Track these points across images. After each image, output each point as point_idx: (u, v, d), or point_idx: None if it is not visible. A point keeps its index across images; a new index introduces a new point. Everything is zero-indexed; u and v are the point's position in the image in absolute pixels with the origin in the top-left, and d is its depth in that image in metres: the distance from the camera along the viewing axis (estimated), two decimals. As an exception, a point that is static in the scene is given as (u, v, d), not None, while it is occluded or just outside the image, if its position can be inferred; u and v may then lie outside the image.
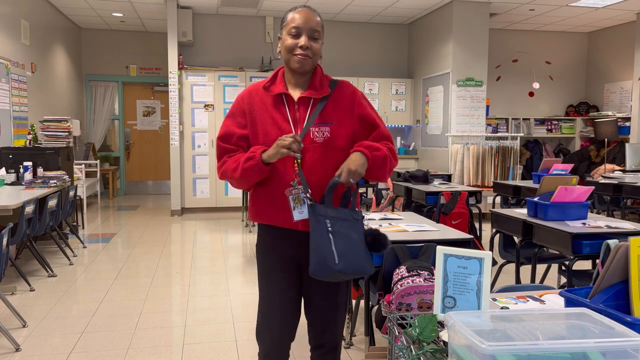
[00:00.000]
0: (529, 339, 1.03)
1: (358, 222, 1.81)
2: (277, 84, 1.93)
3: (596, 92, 9.75)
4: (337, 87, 1.95)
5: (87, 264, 5.19)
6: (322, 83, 1.92)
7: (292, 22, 1.86)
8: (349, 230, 1.76)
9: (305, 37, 1.85)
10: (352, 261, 1.72)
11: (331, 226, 1.74)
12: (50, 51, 8.08)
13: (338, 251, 1.70)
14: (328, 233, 1.72)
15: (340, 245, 1.72)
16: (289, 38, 1.87)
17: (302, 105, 1.90)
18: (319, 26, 1.88)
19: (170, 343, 3.28)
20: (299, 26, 1.84)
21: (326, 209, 1.77)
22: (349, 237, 1.75)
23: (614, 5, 7.82)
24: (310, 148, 1.85)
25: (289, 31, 1.86)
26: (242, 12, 8.57)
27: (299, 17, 1.85)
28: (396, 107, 8.99)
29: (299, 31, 1.85)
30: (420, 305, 2.06)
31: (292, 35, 1.86)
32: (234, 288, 4.43)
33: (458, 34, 7.73)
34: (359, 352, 3.16)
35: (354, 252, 1.73)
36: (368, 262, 1.77)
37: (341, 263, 1.69)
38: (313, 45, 1.86)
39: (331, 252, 1.70)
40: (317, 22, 1.87)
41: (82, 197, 7.54)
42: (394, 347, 1.36)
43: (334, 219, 1.75)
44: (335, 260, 1.69)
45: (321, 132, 1.87)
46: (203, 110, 8.22)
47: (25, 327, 3.52)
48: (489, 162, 7.46)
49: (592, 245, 2.91)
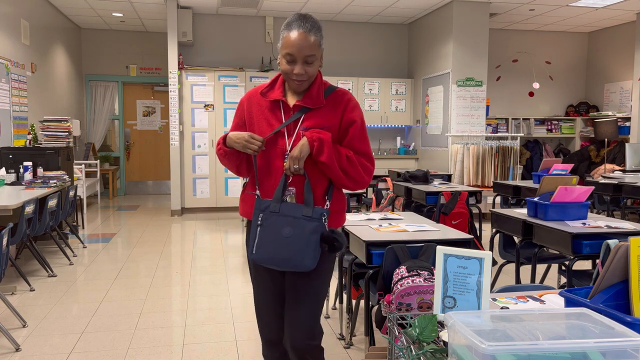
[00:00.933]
0: (529, 339, 1.03)
1: (307, 219, 1.85)
2: (275, 89, 1.99)
3: (596, 92, 9.75)
4: (331, 95, 1.98)
5: (87, 264, 5.19)
6: (319, 92, 1.95)
7: (286, 47, 1.86)
8: (284, 227, 1.85)
9: (300, 64, 1.87)
10: (271, 254, 1.86)
11: (261, 220, 1.89)
12: (50, 51, 8.08)
13: (258, 242, 1.88)
14: (257, 226, 1.89)
15: (264, 238, 1.87)
16: (284, 62, 1.89)
17: (296, 111, 1.95)
18: (314, 49, 1.86)
19: (170, 343, 3.28)
20: (293, 54, 1.85)
21: (266, 203, 1.89)
22: (279, 232, 1.86)
23: (614, 5, 7.82)
24: None
25: (284, 56, 1.88)
26: (242, 12, 8.57)
27: (293, 44, 1.84)
28: (396, 107, 8.99)
29: (293, 58, 1.86)
30: (420, 305, 2.06)
31: (287, 60, 1.88)
32: (234, 288, 4.43)
33: (458, 34, 7.73)
34: (359, 352, 3.16)
35: (280, 246, 1.85)
36: (301, 257, 1.84)
37: (258, 253, 1.88)
38: (308, 70, 1.88)
39: (252, 243, 1.90)
40: (312, 45, 1.85)
41: (82, 197, 7.54)
42: (394, 347, 1.36)
43: (269, 214, 1.88)
44: (253, 250, 1.89)
45: None
46: (203, 110, 8.22)
47: (25, 327, 3.52)
48: (489, 162, 7.46)
49: (592, 245, 2.91)
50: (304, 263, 1.84)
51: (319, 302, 2.01)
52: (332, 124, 1.95)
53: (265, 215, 1.87)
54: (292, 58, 1.86)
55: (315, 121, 1.93)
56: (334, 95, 1.98)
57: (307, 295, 1.97)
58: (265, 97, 1.98)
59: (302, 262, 1.84)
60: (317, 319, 2.00)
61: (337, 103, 1.97)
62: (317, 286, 1.99)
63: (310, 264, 1.85)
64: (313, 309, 1.99)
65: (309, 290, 1.97)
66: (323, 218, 1.87)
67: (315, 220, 1.85)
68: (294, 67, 1.87)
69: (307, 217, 1.85)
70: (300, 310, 1.97)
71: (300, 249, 1.83)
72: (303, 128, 1.93)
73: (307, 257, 1.84)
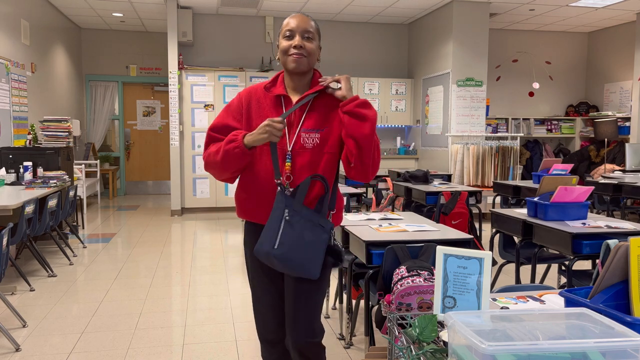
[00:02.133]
0: (529, 339, 1.03)
1: (322, 229, 1.85)
2: (277, 86, 1.99)
3: (596, 92, 9.75)
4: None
5: (87, 264, 5.19)
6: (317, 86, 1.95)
7: (286, 27, 1.92)
8: (305, 230, 1.82)
9: (299, 37, 1.90)
10: (291, 254, 1.80)
11: (288, 216, 1.82)
12: (50, 51, 8.08)
13: (282, 239, 1.80)
14: (282, 220, 1.82)
15: (287, 235, 1.81)
16: (283, 41, 1.93)
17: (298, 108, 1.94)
18: (312, 28, 1.92)
19: (170, 343, 3.28)
20: (292, 28, 1.90)
21: (292, 200, 1.84)
22: (302, 234, 1.81)
23: (614, 5, 7.82)
24: (300, 152, 1.91)
25: (284, 34, 1.93)
26: (242, 12, 8.57)
27: (293, 21, 1.92)
28: (396, 107, 8.99)
29: (292, 33, 1.90)
30: (420, 305, 2.06)
31: (286, 37, 1.92)
32: (234, 288, 4.43)
33: (458, 34, 7.73)
34: (359, 352, 3.16)
35: (299, 248, 1.80)
36: (312, 265, 1.82)
37: (279, 250, 1.80)
38: (306, 45, 1.90)
39: (275, 237, 1.81)
40: (311, 24, 1.93)
41: (82, 197, 7.54)
42: (394, 347, 1.36)
43: (295, 212, 1.82)
44: (275, 245, 1.80)
45: (311, 139, 1.91)
46: (203, 110, 8.22)
47: (25, 327, 3.52)
48: (489, 162, 7.46)
49: (592, 245, 2.91)
50: (313, 271, 1.84)
51: (319, 300, 2.01)
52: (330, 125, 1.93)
53: (291, 212, 1.84)
54: (291, 33, 1.90)
55: (315, 122, 1.93)
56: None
57: (307, 292, 1.97)
58: (269, 92, 1.97)
59: (312, 270, 1.84)
60: (317, 316, 2.00)
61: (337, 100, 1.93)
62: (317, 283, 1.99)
63: (318, 274, 1.86)
64: (313, 306, 1.98)
65: (309, 288, 1.97)
66: (332, 232, 1.89)
67: (327, 232, 1.86)
68: (293, 41, 1.90)
69: (322, 227, 1.85)
70: (300, 308, 1.96)
71: (315, 256, 1.83)
72: (304, 129, 1.92)
73: (316, 266, 1.84)
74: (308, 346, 1.97)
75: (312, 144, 1.91)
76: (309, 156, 1.91)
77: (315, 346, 1.99)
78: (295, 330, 1.97)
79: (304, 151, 1.91)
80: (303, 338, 1.96)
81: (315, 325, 2.00)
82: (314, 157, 1.91)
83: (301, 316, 1.97)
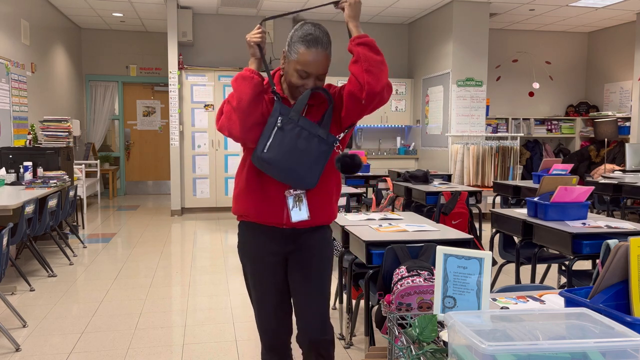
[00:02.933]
0: (529, 339, 1.03)
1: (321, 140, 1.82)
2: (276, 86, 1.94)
3: (596, 92, 9.75)
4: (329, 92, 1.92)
5: (87, 264, 5.19)
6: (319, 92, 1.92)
7: (302, 64, 1.80)
8: (299, 138, 1.80)
9: (313, 80, 1.84)
10: (281, 158, 1.78)
11: (280, 123, 1.80)
12: (50, 51, 8.08)
13: (271, 143, 1.79)
14: (274, 127, 1.80)
15: (277, 140, 1.79)
16: (296, 76, 1.83)
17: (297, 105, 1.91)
18: (328, 66, 1.84)
19: (170, 343, 3.28)
20: (309, 72, 1.82)
21: (287, 109, 1.82)
22: (294, 141, 1.79)
23: (614, 5, 7.82)
24: None
25: (298, 71, 1.82)
26: (242, 12, 8.57)
27: (311, 63, 1.80)
28: (396, 107, 8.99)
29: (308, 75, 1.83)
30: (420, 305, 2.06)
31: (300, 75, 1.83)
32: (234, 288, 4.43)
33: (458, 34, 7.73)
34: (359, 352, 3.16)
35: (291, 155, 1.78)
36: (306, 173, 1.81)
37: (268, 153, 1.78)
38: (318, 83, 1.87)
39: (265, 142, 1.80)
40: (327, 62, 1.83)
41: (82, 197, 7.54)
42: (394, 347, 1.36)
43: (289, 120, 1.80)
44: (264, 149, 1.79)
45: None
46: (203, 110, 8.22)
47: (25, 327, 3.52)
48: (489, 162, 7.46)
49: (592, 245, 2.91)
50: (307, 179, 1.82)
51: (327, 296, 2.01)
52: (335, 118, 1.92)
53: (285, 119, 1.80)
54: (307, 75, 1.83)
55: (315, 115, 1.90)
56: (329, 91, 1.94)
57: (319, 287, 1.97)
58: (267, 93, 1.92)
59: (306, 178, 1.82)
60: (327, 312, 2.01)
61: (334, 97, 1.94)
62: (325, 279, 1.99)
63: (312, 183, 1.84)
64: (323, 303, 1.99)
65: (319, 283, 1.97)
66: (335, 145, 1.85)
67: (328, 145, 1.83)
68: (307, 82, 1.84)
69: (322, 138, 1.82)
70: (313, 304, 1.96)
71: (309, 165, 1.81)
72: None
73: (313, 177, 1.82)
74: (321, 343, 1.97)
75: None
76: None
77: (328, 343, 1.99)
78: (309, 328, 1.96)
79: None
80: (319, 335, 1.96)
81: (327, 322, 2.01)
82: None
83: (316, 312, 1.97)
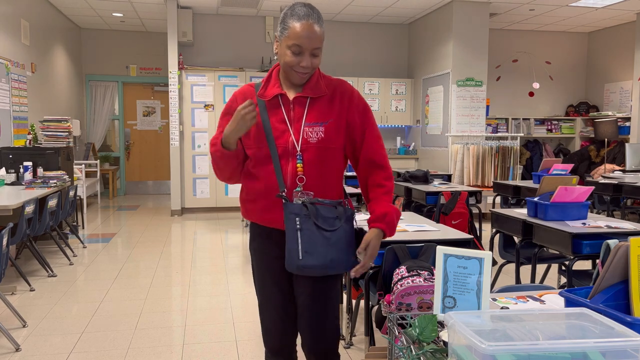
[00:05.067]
0: (529, 339, 1.03)
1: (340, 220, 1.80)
2: (271, 86, 1.87)
3: (596, 92, 9.75)
4: (333, 86, 1.89)
5: (87, 264, 5.19)
6: (319, 82, 1.86)
7: (294, 38, 1.74)
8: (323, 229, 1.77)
9: (307, 56, 1.76)
10: (319, 257, 1.76)
11: (300, 224, 1.77)
12: (50, 51, 8.08)
13: (303, 247, 1.76)
14: (296, 231, 1.76)
15: (306, 242, 1.76)
16: (289, 53, 1.76)
17: (297, 105, 1.84)
18: (321, 41, 1.78)
19: (170, 343, 3.28)
20: (302, 45, 1.74)
21: (300, 207, 1.78)
22: (322, 235, 1.77)
23: (614, 5, 7.82)
24: (306, 149, 1.81)
25: (290, 47, 1.75)
26: (242, 12, 8.57)
27: (303, 35, 1.73)
28: (396, 107, 8.99)
29: (300, 50, 1.75)
30: (420, 305, 2.05)
31: (293, 52, 1.76)
32: (234, 288, 4.43)
33: (458, 34, 7.73)
34: (359, 352, 3.16)
35: (325, 249, 1.76)
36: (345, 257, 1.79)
37: (305, 259, 1.76)
38: (314, 62, 1.79)
39: (296, 249, 1.76)
40: (320, 37, 1.77)
41: (82, 197, 7.54)
42: (394, 347, 1.36)
43: (306, 217, 1.77)
44: (299, 256, 1.76)
45: (315, 132, 1.81)
46: (203, 110, 8.22)
47: (25, 327, 3.52)
48: (489, 162, 7.45)
49: (592, 245, 2.91)
50: (347, 265, 1.80)
51: (335, 304, 1.93)
52: (336, 117, 1.85)
53: (303, 219, 1.77)
54: (299, 50, 1.74)
55: (318, 114, 1.83)
56: (334, 85, 1.89)
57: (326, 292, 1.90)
58: (263, 97, 1.85)
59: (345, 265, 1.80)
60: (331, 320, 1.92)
61: (339, 94, 1.87)
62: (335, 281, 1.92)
63: (352, 266, 1.81)
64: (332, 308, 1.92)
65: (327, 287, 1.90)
66: (354, 219, 1.85)
67: (348, 221, 1.82)
68: (302, 60, 1.76)
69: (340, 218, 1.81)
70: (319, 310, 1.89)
71: (342, 250, 1.78)
72: (307, 124, 1.82)
73: (348, 260, 1.80)
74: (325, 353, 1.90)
75: (316, 138, 1.81)
76: (314, 152, 1.81)
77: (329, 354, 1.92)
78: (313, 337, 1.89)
79: (309, 147, 1.81)
80: (320, 345, 1.89)
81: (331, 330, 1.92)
82: (319, 153, 1.82)
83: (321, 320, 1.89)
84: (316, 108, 1.84)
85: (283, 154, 1.81)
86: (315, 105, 1.84)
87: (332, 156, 1.85)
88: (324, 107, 1.84)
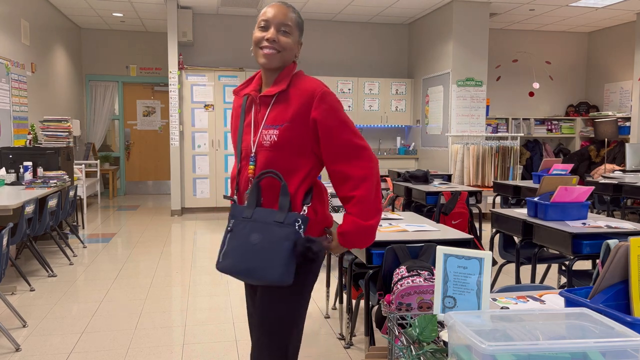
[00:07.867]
0: (529, 339, 1.03)
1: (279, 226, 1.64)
2: (251, 85, 1.85)
3: (596, 92, 9.75)
4: (293, 83, 1.76)
5: (87, 264, 5.19)
6: (284, 79, 1.76)
7: (262, 16, 1.75)
8: (252, 232, 1.66)
9: (274, 29, 1.72)
10: (238, 263, 1.66)
11: (231, 226, 1.73)
12: (50, 51, 8.08)
13: (226, 250, 1.71)
14: (227, 232, 1.74)
15: (230, 245, 1.70)
16: (257, 31, 1.75)
17: (263, 105, 1.78)
18: (291, 21, 1.74)
19: (170, 343, 3.28)
20: (268, 19, 1.72)
21: (241, 209, 1.73)
22: (247, 239, 1.66)
23: (614, 5, 7.82)
24: (260, 152, 1.74)
25: (259, 24, 1.75)
26: (242, 12, 8.57)
27: (270, 10, 1.74)
28: (396, 107, 8.99)
29: (267, 24, 1.73)
30: (420, 305, 2.06)
31: (260, 27, 1.74)
32: (234, 288, 4.43)
33: (458, 34, 7.73)
34: (359, 352, 3.16)
35: (247, 254, 1.64)
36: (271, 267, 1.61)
37: (224, 262, 1.71)
38: (281, 39, 1.72)
39: (221, 250, 1.73)
40: (290, 17, 1.74)
41: (82, 197, 7.54)
42: (394, 347, 1.36)
43: (240, 220, 1.71)
44: (219, 259, 1.73)
45: (269, 136, 1.72)
46: (203, 110, 8.22)
47: (25, 327, 3.52)
48: (489, 162, 7.45)
49: (592, 245, 2.91)
50: (273, 275, 1.60)
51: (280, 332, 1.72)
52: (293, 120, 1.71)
53: (237, 221, 1.71)
54: (266, 24, 1.73)
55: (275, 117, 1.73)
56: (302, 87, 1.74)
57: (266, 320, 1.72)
58: (238, 95, 1.86)
59: (270, 274, 1.60)
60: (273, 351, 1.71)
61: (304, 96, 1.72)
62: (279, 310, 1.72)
63: (280, 277, 1.60)
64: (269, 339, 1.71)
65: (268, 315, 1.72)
66: (297, 224, 1.64)
67: (287, 226, 1.63)
68: (266, 34, 1.72)
69: (279, 222, 1.64)
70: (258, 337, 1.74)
71: (268, 258, 1.61)
72: (265, 126, 1.74)
73: (276, 268, 1.59)
74: None
75: (269, 142, 1.72)
76: (267, 155, 1.73)
77: None
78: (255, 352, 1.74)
79: (261, 150, 1.74)
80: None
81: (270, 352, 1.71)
82: (269, 155, 1.72)
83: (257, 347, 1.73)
84: (276, 110, 1.75)
85: (245, 156, 1.79)
86: (277, 107, 1.75)
87: (285, 160, 1.72)
88: (282, 110, 1.74)
